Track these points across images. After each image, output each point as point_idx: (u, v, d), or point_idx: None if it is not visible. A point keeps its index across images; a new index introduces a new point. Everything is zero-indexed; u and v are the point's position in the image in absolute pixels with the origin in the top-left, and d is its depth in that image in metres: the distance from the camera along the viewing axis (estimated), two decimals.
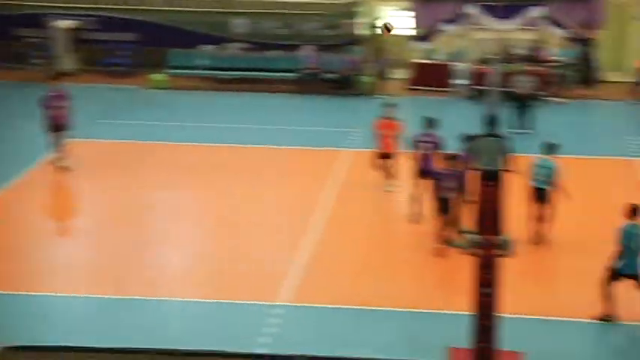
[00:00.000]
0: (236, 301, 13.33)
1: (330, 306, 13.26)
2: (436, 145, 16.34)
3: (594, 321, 12.65)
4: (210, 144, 21.21)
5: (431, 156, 16.26)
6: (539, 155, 15.34)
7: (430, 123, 16.59)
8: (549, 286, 13.82)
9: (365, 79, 25.99)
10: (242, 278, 14.19)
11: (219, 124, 22.91)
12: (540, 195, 15.12)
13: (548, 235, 15.22)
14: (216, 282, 14.14)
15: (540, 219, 15.20)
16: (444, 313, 12.98)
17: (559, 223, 15.53)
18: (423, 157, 16.38)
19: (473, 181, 13.76)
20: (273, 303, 13.25)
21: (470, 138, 15.02)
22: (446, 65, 25.67)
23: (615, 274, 12.53)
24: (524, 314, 12.76)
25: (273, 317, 12.82)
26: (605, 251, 14.76)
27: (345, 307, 13.25)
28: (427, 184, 15.64)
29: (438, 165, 15.46)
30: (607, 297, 12.63)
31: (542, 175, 15.10)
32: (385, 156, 17.69)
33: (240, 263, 14.72)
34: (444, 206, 14.79)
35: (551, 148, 15.38)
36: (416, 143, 16.51)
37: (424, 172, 16.21)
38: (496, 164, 14.14)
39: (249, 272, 14.37)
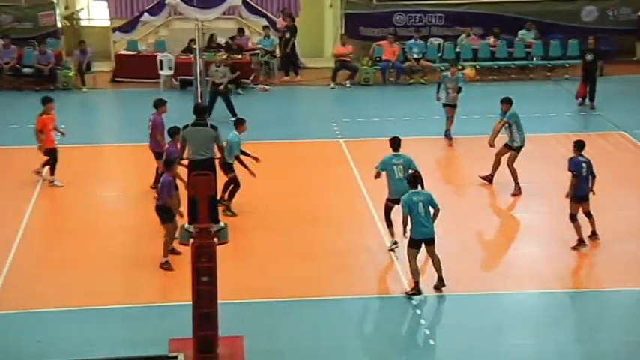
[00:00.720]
0: None
1: (39, 310, 12.74)
2: (152, 125, 16.60)
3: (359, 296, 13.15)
4: None
5: (152, 136, 16.60)
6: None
7: (154, 104, 16.87)
8: (260, 269, 14.10)
9: (67, 72, 25.14)
10: None
11: None
12: (226, 167, 15.83)
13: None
14: None
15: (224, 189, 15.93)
16: (164, 305, 12.92)
17: (271, 204, 16.03)
18: (150, 135, 16.71)
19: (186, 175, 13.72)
20: None
21: (176, 130, 15.05)
22: (150, 56, 25.42)
23: (412, 244, 13.00)
24: (241, 299, 12.96)
25: None
26: (312, 229, 15.42)
27: (58, 309, 12.80)
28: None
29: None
30: (413, 270, 13.04)
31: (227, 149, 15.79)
32: (52, 151, 17.48)
33: None
34: (166, 214, 14.03)
35: (235, 125, 16.24)
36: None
37: (154, 153, 16.57)
38: (206, 153, 14.31)
39: None
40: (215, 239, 10.75)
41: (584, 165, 14.56)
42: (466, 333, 12.27)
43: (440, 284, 13.23)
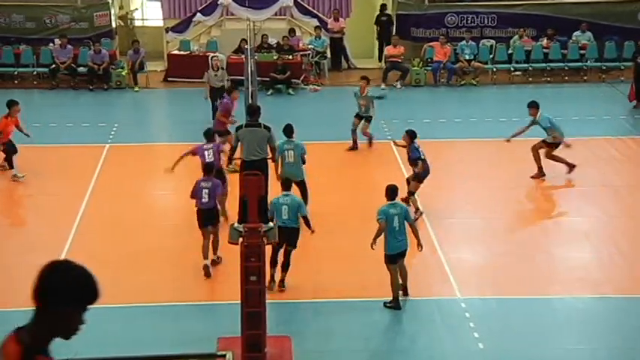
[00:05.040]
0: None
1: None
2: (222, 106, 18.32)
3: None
4: None
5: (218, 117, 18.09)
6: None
7: (228, 89, 18.71)
8: (308, 269, 14.06)
9: (120, 72, 25.42)
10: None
11: None
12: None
13: None
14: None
15: None
16: (213, 304, 13.00)
17: (320, 205, 16.00)
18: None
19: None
20: None
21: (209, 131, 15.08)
22: (202, 56, 25.57)
23: (390, 258, 12.74)
24: (289, 299, 13.02)
25: None
26: (362, 230, 15.35)
27: (107, 305, 12.80)
28: None
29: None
30: (393, 282, 12.78)
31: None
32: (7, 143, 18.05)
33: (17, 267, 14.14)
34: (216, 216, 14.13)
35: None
36: None
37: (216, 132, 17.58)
38: (259, 153, 14.31)
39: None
40: (264, 239, 10.78)
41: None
42: (516, 337, 12.15)
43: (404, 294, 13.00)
